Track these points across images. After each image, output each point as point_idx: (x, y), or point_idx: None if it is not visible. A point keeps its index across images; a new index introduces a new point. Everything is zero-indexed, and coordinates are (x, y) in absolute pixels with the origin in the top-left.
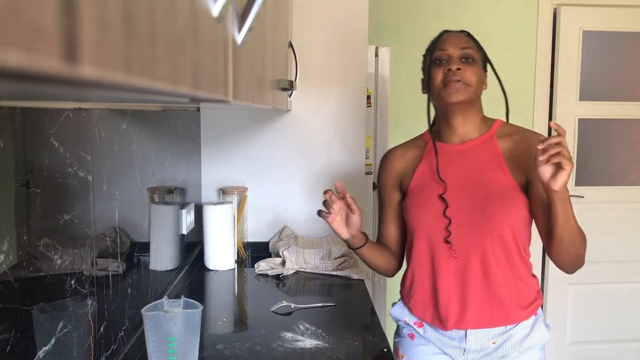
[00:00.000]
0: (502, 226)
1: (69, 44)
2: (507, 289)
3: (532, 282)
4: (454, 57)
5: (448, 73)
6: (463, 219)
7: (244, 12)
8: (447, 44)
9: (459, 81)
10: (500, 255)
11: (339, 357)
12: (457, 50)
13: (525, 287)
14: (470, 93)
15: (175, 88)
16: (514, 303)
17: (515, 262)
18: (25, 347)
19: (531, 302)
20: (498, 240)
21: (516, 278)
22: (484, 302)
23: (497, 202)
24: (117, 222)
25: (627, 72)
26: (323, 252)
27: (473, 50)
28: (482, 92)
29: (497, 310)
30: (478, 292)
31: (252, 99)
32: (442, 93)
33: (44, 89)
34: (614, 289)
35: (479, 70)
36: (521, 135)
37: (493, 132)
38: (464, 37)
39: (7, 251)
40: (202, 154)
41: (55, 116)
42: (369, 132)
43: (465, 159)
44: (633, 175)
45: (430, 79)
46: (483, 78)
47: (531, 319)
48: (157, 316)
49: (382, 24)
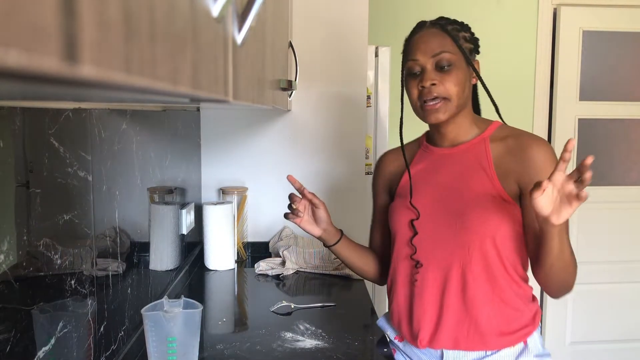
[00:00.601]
0: (481, 237)
1: (69, 44)
2: (485, 309)
3: (522, 307)
4: (428, 68)
5: (422, 90)
6: (442, 227)
7: (244, 12)
8: (417, 51)
9: (435, 98)
10: (480, 271)
11: (339, 357)
12: (429, 59)
13: (510, 312)
14: (452, 108)
15: (175, 88)
16: (492, 327)
17: (497, 280)
18: (25, 347)
19: (517, 328)
20: (478, 253)
21: (499, 299)
22: (460, 321)
23: (476, 211)
24: (117, 222)
25: (627, 72)
26: (323, 252)
27: (449, 52)
28: (469, 91)
29: (473, 332)
30: (454, 309)
31: (252, 99)
32: (420, 113)
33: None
34: (614, 289)
35: (460, 74)
36: (516, 140)
37: (487, 134)
38: (438, 34)
39: (7, 251)
40: (202, 154)
41: (55, 116)
42: (369, 132)
43: (452, 163)
44: (633, 175)
45: (407, 92)
46: (467, 78)
47: (517, 347)
48: (157, 316)
49: (382, 24)
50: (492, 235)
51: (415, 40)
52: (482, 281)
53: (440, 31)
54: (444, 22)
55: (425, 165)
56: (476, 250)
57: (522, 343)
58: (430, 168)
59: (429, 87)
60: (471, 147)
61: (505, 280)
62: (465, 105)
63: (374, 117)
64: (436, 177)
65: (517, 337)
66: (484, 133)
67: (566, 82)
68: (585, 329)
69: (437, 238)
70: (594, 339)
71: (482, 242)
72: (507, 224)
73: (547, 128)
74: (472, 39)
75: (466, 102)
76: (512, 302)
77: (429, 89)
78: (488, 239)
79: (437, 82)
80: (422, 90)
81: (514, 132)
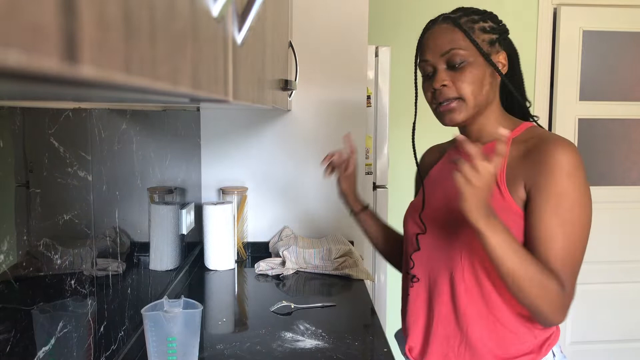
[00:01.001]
0: (470, 247)
1: (69, 44)
2: (477, 327)
3: (524, 331)
4: (439, 69)
5: (434, 92)
6: (439, 233)
7: (244, 12)
8: (428, 51)
9: (448, 100)
10: (471, 284)
11: (339, 357)
12: (439, 59)
13: (507, 334)
14: (468, 108)
15: (175, 88)
16: (486, 347)
17: (491, 297)
18: (25, 347)
19: (516, 355)
20: (467, 263)
21: (494, 318)
22: (451, 335)
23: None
24: (117, 222)
25: (627, 72)
26: (323, 252)
27: (460, 48)
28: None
29: (464, 349)
30: (444, 322)
31: (252, 99)
32: (437, 116)
33: (44, 89)
34: (614, 289)
35: (476, 71)
36: (538, 141)
37: (512, 136)
38: (449, 30)
39: (7, 251)
40: (202, 154)
41: (55, 116)
42: (369, 132)
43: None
44: (633, 175)
45: (425, 95)
46: (486, 75)
47: None
48: (157, 316)
49: (382, 24)
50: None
51: (426, 39)
52: (475, 295)
53: (452, 26)
54: (459, 13)
55: (446, 165)
56: (466, 260)
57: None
58: (448, 167)
59: (440, 88)
60: (491, 148)
61: (502, 297)
62: (486, 103)
63: (374, 117)
64: (447, 178)
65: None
66: (511, 134)
67: (566, 82)
68: (585, 329)
69: (433, 245)
70: (594, 339)
71: (471, 252)
72: None
73: (547, 128)
74: (494, 29)
75: (487, 101)
76: (510, 324)
77: (440, 91)
78: (479, 249)
79: (448, 82)
80: (434, 92)
81: (537, 133)
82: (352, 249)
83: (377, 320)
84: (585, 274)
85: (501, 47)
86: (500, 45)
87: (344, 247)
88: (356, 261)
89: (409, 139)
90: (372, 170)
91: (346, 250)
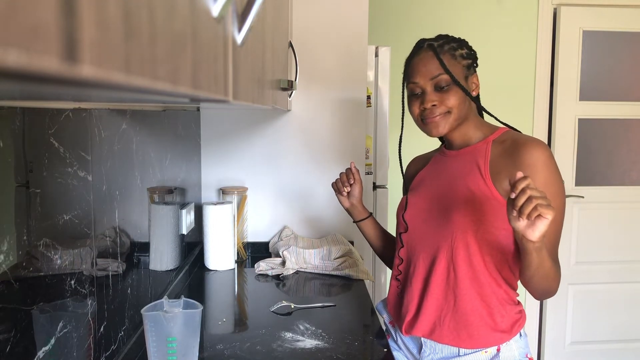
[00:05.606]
0: (462, 230)
1: (69, 44)
2: (465, 304)
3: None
4: (427, 90)
5: (424, 111)
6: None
7: (244, 12)
8: (417, 75)
9: (436, 115)
10: (465, 265)
11: (339, 357)
12: (428, 82)
13: (486, 313)
14: (452, 120)
15: (175, 88)
16: (468, 323)
17: (479, 277)
18: (25, 347)
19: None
20: (461, 245)
21: (479, 297)
22: (440, 309)
23: (462, 205)
24: (117, 222)
25: (627, 72)
26: (323, 252)
27: (445, 73)
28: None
29: (449, 322)
30: (436, 297)
31: (252, 99)
32: (423, 128)
33: (44, 89)
34: (614, 289)
35: (459, 90)
36: (513, 141)
37: (491, 138)
38: (434, 59)
39: (7, 251)
40: (202, 154)
41: (55, 116)
42: (369, 132)
43: (454, 164)
44: (633, 175)
45: (409, 109)
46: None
47: (489, 353)
48: (157, 316)
49: (382, 24)
50: (474, 228)
51: (415, 63)
52: (466, 274)
53: (433, 56)
54: (440, 42)
55: (435, 166)
56: (460, 242)
57: (494, 349)
58: (436, 168)
59: (430, 108)
60: (475, 149)
61: (486, 278)
62: (466, 115)
63: (374, 117)
64: (438, 177)
65: (490, 341)
66: (490, 137)
67: (566, 82)
68: (585, 329)
69: (427, 231)
70: (593, 339)
71: (464, 234)
72: (492, 221)
73: (547, 128)
74: (469, 55)
75: (467, 113)
76: (491, 304)
77: (431, 110)
78: (470, 231)
79: (437, 102)
80: (424, 110)
81: (512, 135)
82: (352, 249)
83: (377, 320)
84: (585, 274)
85: (474, 70)
86: (474, 69)
87: (344, 247)
88: (356, 261)
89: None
90: (372, 170)
91: (346, 250)
